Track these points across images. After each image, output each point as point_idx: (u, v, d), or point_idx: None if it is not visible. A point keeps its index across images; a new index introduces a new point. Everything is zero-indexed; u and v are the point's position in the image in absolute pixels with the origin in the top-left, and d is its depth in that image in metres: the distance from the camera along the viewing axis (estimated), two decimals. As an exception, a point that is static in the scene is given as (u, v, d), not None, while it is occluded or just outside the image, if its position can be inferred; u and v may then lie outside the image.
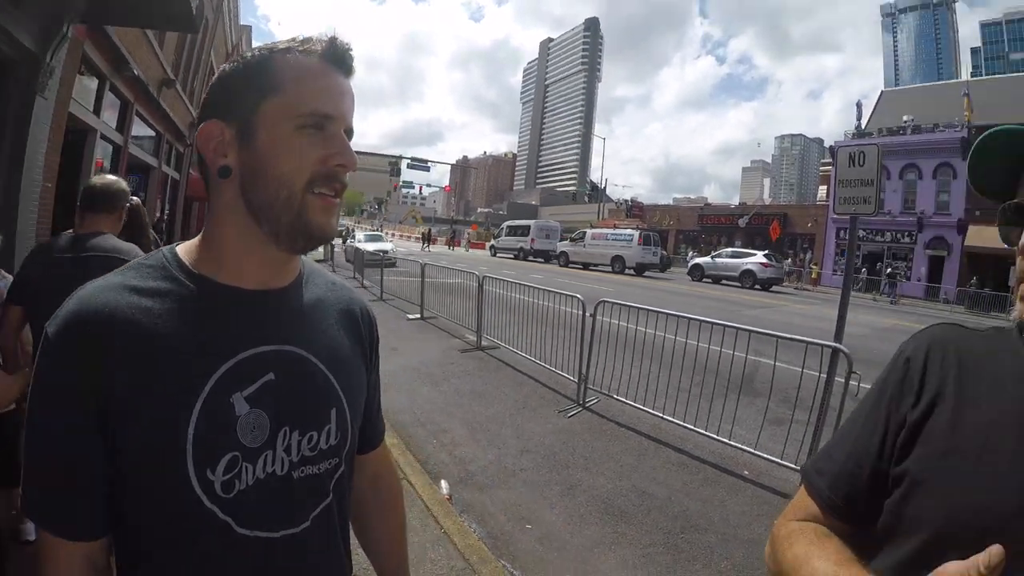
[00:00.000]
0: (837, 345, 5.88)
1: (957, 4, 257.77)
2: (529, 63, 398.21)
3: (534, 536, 4.70)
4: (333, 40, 1.11)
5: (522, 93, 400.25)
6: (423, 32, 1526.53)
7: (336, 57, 1.11)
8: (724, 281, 35.27)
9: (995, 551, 0.78)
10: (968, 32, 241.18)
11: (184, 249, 1.14)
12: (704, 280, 36.27)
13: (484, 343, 11.13)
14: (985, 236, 33.30)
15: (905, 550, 1.07)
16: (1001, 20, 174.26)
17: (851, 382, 5.34)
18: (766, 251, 36.84)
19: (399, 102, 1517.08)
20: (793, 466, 5.63)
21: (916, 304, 35.43)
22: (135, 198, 3.84)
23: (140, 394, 0.97)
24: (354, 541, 1.38)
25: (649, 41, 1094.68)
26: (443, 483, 5.40)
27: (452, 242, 64.31)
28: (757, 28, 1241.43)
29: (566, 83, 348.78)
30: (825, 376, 5.89)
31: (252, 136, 1.06)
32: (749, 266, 34.25)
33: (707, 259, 38.08)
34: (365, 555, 1.49)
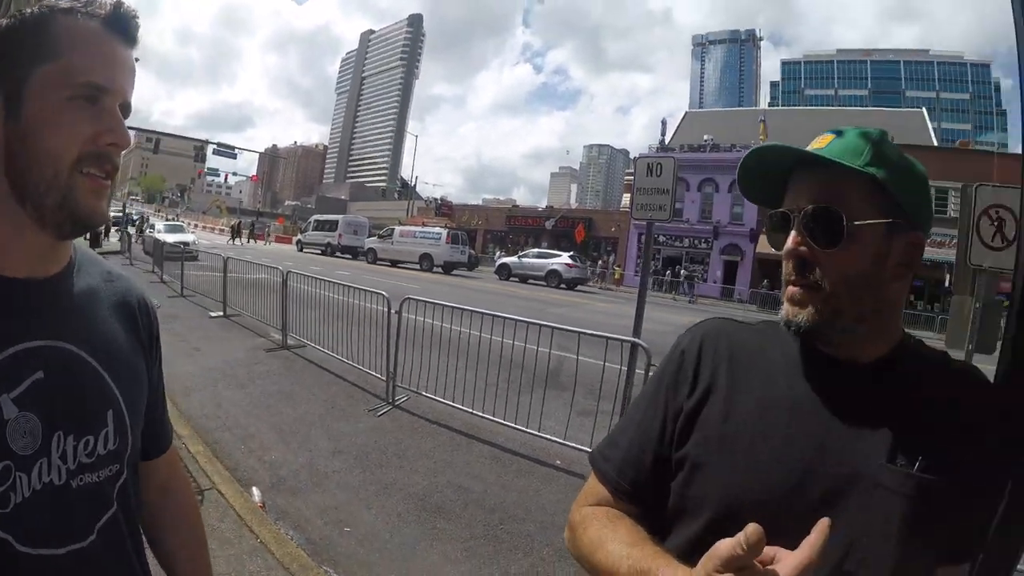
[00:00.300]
0: (636, 340, 6.23)
1: (762, 42, 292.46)
2: (348, 53, 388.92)
3: (354, 539, 4.61)
4: (118, 5, 1.01)
5: (338, 83, 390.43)
6: (242, 6, 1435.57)
7: (119, 24, 1.01)
8: (531, 281, 36.21)
9: (751, 530, 0.84)
10: (770, 67, 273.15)
11: None
12: (511, 279, 37.06)
13: (290, 342, 10.74)
14: (774, 244, 38.51)
15: (692, 529, 1.15)
16: (800, 60, 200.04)
17: (651, 374, 5.61)
18: (571, 252, 38.48)
19: (210, 81, 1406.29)
20: (603, 454, 5.89)
21: (713, 303, 38.73)
22: None
23: None
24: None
25: (471, 43, 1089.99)
26: (255, 490, 5.17)
27: (255, 235, 61.69)
28: (576, 42, 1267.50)
29: (383, 77, 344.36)
30: (626, 369, 6.21)
31: (20, 106, 0.95)
32: (555, 266, 35.51)
33: (514, 259, 39.07)
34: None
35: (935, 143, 54.45)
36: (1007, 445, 1.13)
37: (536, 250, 41.51)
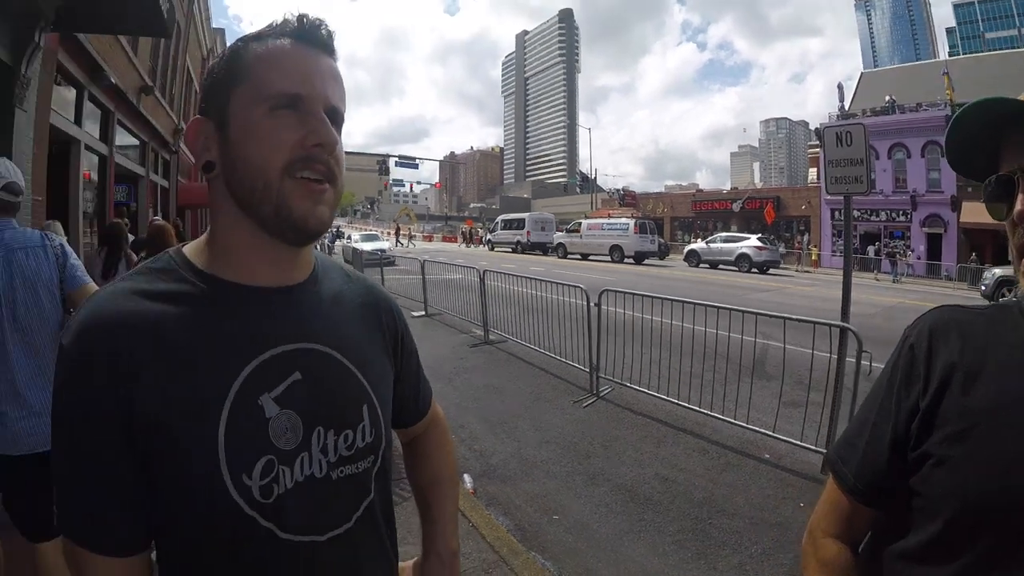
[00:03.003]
0: (845, 324, 5.82)
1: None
2: (507, 56, 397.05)
3: (562, 526, 4.70)
4: (302, 18, 1.06)
5: (503, 86, 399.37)
6: (399, 27, 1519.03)
7: (307, 34, 1.06)
8: (721, 266, 35.26)
9: None
10: (942, 13, 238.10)
11: (191, 250, 1.11)
12: (701, 266, 36.22)
13: (492, 337, 11.17)
14: (979, 212, 32.66)
15: (931, 530, 1.09)
16: (974, 0, 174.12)
17: (863, 362, 5.32)
18: (759, 234, 37.19)
19: (381, 99, 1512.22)
20: (814, 448, 5.61)
21: (918, 282, 35.43)
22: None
23: (163, 401, 0.95)
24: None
25: (628, 30, 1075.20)
26: (466, 477, 5.42)
27: (472, 239, 63.48)
28: (736, 14, 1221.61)
29: (546, 75, 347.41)
30: (836, 357, 5.82)
31: (226, 127, 1.03)
32: (744, 250, 34.37)
33: (702, 244, 38.14)
34: (417, 492, 1.48)
35: None
36: None
37: (724, 234, 40.11)
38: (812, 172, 53.09)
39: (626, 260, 36.30)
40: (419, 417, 1.48)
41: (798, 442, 5.78)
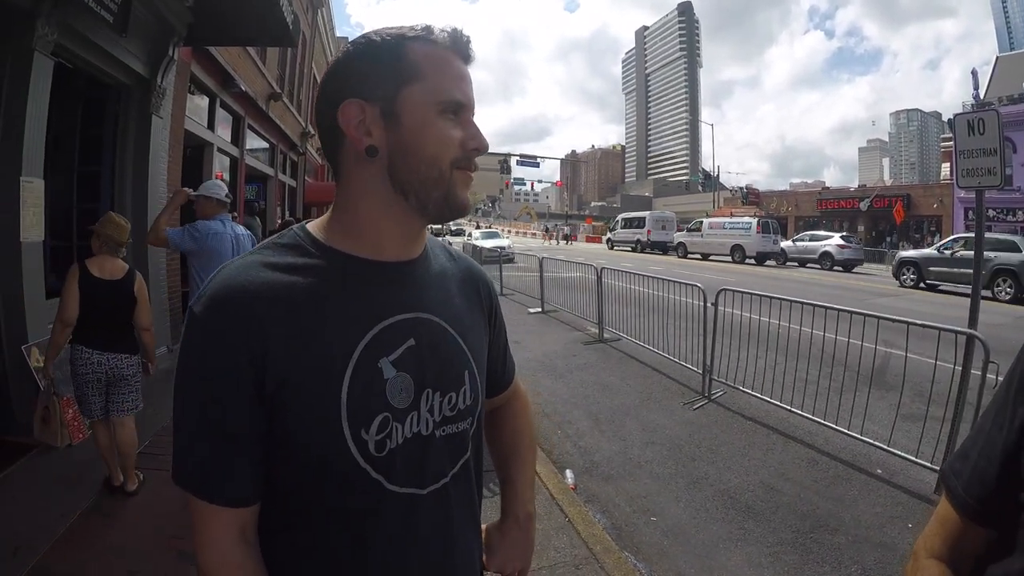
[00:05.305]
0: (972, 332, 5.44)
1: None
2: (627, 53, 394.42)
3: (659, 529, 4.71)
4: (456, 31, 1.17)
5: (623, 83, 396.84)
6: (518, 27, 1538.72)
7: (460, 47, 1.17)
8: (809, 264, 34.43)
9: None
10: None
11: (316, 227, 1.20)
12: (788, 264, 35.53)
13: (606, 335, 11.27)
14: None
15: None
16: None
17: (988, 374, 4.90)
18: (843, 233, 36.80)
19: (503, 99, 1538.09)
20: (930, 465, 5.35)
21: None
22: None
23: (293, 364, 1.03)
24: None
25: (751, 19, 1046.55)
26: (568, 473, 5.51)
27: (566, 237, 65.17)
28: None
29: (666, 71, 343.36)
30: (960, 368, 5.43)
31: (397, 119, 1.11)
32: (827, 248, 33.63)
33: (788, 243, 37.28)
34: (497, 459, 1.58)
35: None
36: None
37: (809, 233, 38.80)
38: (945, 168, 49.52)
39: (747, 260, 35.73)
40: (504, 388, 1.58)
41: (913, 458, 5.52)
